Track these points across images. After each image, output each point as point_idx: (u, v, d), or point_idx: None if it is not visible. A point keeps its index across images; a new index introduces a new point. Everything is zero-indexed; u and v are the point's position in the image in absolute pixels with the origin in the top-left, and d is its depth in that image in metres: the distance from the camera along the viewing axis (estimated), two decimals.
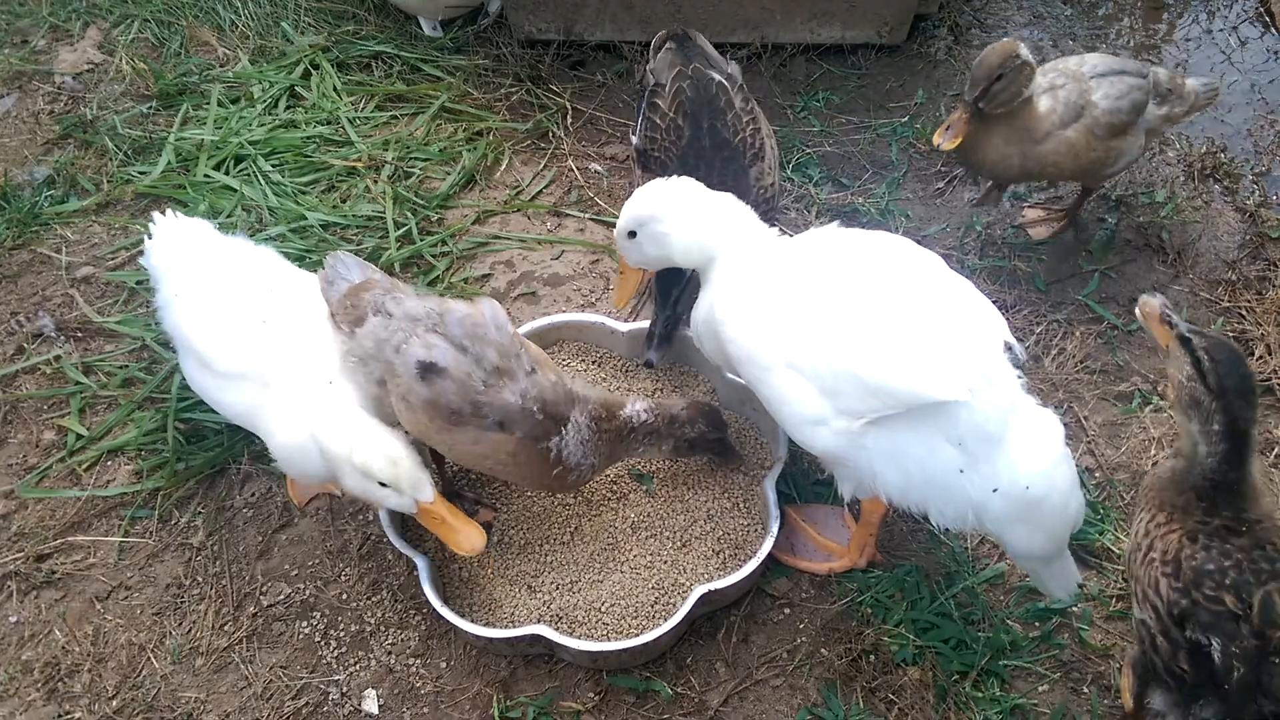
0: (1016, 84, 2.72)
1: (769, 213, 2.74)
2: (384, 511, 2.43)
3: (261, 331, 2.32)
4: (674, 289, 2.69)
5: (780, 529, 2.43)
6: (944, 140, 2.78)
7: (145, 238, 2.64)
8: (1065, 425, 2.10)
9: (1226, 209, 3.33)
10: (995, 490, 2.00)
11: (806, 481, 2.66)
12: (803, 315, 2.05)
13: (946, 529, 2.12)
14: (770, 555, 2.40)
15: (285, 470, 2.42)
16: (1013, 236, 3.27)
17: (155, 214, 2.66)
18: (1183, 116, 3.03)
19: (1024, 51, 2.69)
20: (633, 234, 2.34)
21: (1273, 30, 3.98)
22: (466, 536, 2.19)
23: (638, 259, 2.41)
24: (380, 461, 2.12)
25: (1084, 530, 2.52)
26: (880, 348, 1.95)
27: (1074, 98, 2.82)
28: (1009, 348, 2.02)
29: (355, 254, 3.23)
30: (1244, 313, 3.00)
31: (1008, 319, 2.99)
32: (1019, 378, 2.05)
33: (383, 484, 2.14)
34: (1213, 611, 1.77)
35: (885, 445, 2.02)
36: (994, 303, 3.03)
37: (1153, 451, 2.69)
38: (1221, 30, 4.00)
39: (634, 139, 2.98)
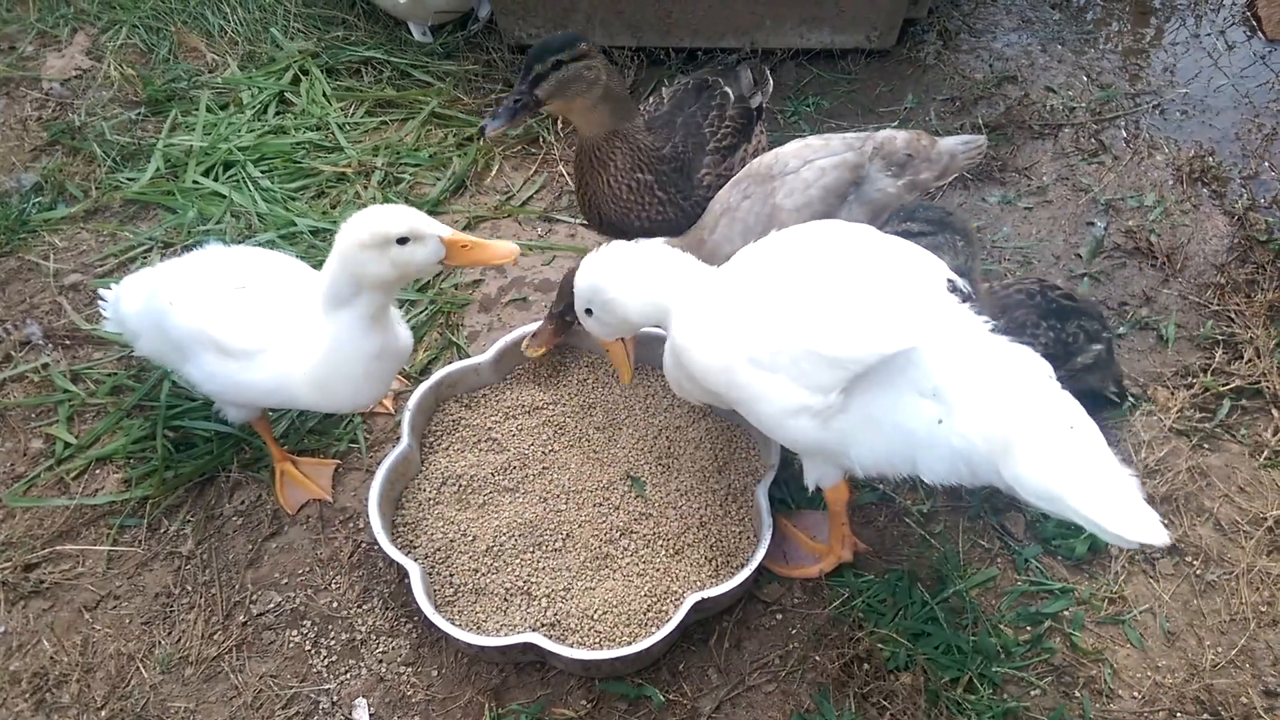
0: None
1: (704, 203, 2.83)
2: (375, 519, 2.42)
3: (266, 303, 2.35)
4: (537, 66, 2.51)
5: (773, 539, 2.43)
6: (530, 349, 2.74)
7: (100, 308, 2.75)
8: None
9: (1215, 212, 3.34)
10: (983, 433, 1.93)
11: (799, 487, 2.66)
12: (752, 311, 2.08)
13: (947, 486, 2.08)
14: (763, 565, 2.40)
15: (325, 399, 2.38)
16: (1003, 241, 3.28)
17: (100, 290, 2.76)
18: (934, 182, 2.79)
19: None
20: (589, 311, 2.40)
21: (1260, 34, 4.00)
22: (500, 247, 2.21)
23: (605, 332, 2.47)
24: (385, 216, 2.10)
25: (1075, 534, 2.53)
26: (828, 317, 1.96)
27: (759, 208, 2.64)
28: (953, 286, 2.00)
29: None
30: (1233, 316, 3.01)
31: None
32: (981, 318, 2.05)
33: (402, 241, 2.12)
34: None
35: (861, 416, 2.03)
36: None
37: (1143, 455, 2.70)
38: (1209, 34, 4.02)
39: None
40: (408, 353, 2.48)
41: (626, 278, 2.31)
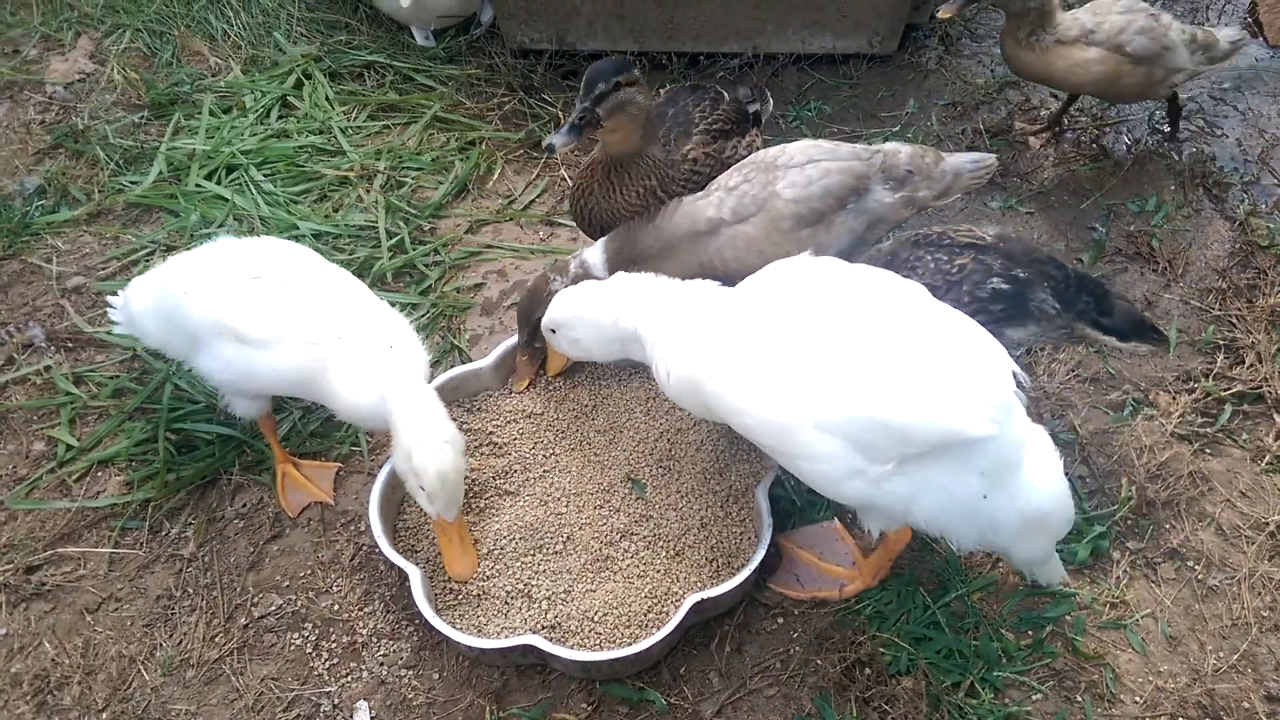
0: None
1: (690, 179, 2.84)
2: (376, 522, 2.43)
3: (286, 292, 2.40)
4: (601, 84, 2.58)
5: (781, 564, 2.43)
6: (516, 387, 2.80)
7: (110, 314, 2.77)
8: (1055, 435, 2.12)
9: (1216, 217, 3.35)
10: (1016, 510, 2.03)
11: (800, 488, 2.66)
12: (816, 367, 1.98)
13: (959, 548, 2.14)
14: (779, 592, 2.42)
15: (346, 416, 2.44)
16: None
17: (108, 298, 2.80)
18: (933, 201, 2.76)
19: (556, 286, 2.68)
20: (553, 331, 2.55)
21: (1261, 39, 4.01)
22: (462, 563, 2.39)
23: (563, 350, 2.62)
24: (432, 475, 2.23)
25: (1077, 538, 2.53)
26: (906, 392, 1.91)
27: (756, 191, 2.64)
28: (1015, 376, 2.01)
29: (347, 263, 3.25)
30: (1234, 320, 3.01)
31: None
32: (1023, 401, 2.06)
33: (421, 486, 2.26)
34: None
35: (915, 483, 2.00)
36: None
37: (1145, 459, 2.70)
38: None
39: None
40: None
41: (595, 323, 2.42)
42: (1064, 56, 3.19)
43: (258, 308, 2.37)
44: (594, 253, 2.77)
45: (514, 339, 2.81)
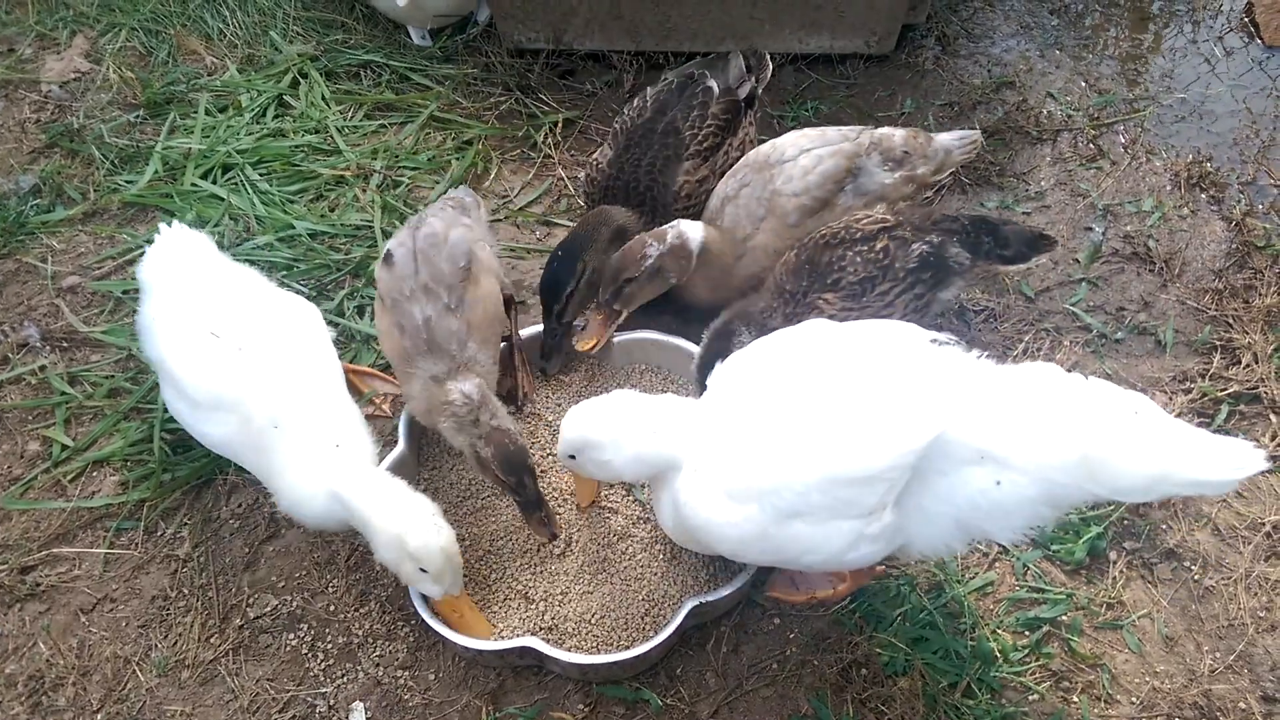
0: (654, 284, 2.70)
1: (686, 210, 2.87)
2: None
3: (243, 360, 2.30)
4: (554, 304, 2.73)
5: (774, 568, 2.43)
6: (582, 343, 2.74)
7: (145, 245, 2.67)
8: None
9: (1213, 218, 3.35)
10: (1058, 469, 1.84)
11: None
12: (756, 454, 1.95)
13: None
14: (774, 597, 2.43)
15: (290, 514, 2.36)
16: None
17: (161, 225, 2.67)
18: (931, 176, 2.87)
19: (651, 251, 2.64)
20: (572, 457, 2.26)
21: (1257, 40, 4.01)
22: (479, 629, 2.30)
23: (588, 474, 2.31)
24: (437, 554, 2.14)
25: (1074, 539, 2.53)
26: (844, 436, 1.88)
27: (759, 193, 2.71)
28: (937, 342, 1.97)
29: (343, 262, 3.24)
30: (1231, 321, 3.02)
31: (995, 328, 3.03)
32: (973, 353, 1.98)
33: (423, 569, 2.16)
34: None
35: (916, 513, 1.94)
36: (982, 312, 3.07)
37: None
38: (1206, 40, 4.03)
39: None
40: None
41: (627, 441, 2.15)
42: None
43: (204, 366, 2.30)
44: (694, 228, 2.72)
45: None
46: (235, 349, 2.31)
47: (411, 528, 2.14)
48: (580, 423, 2.19)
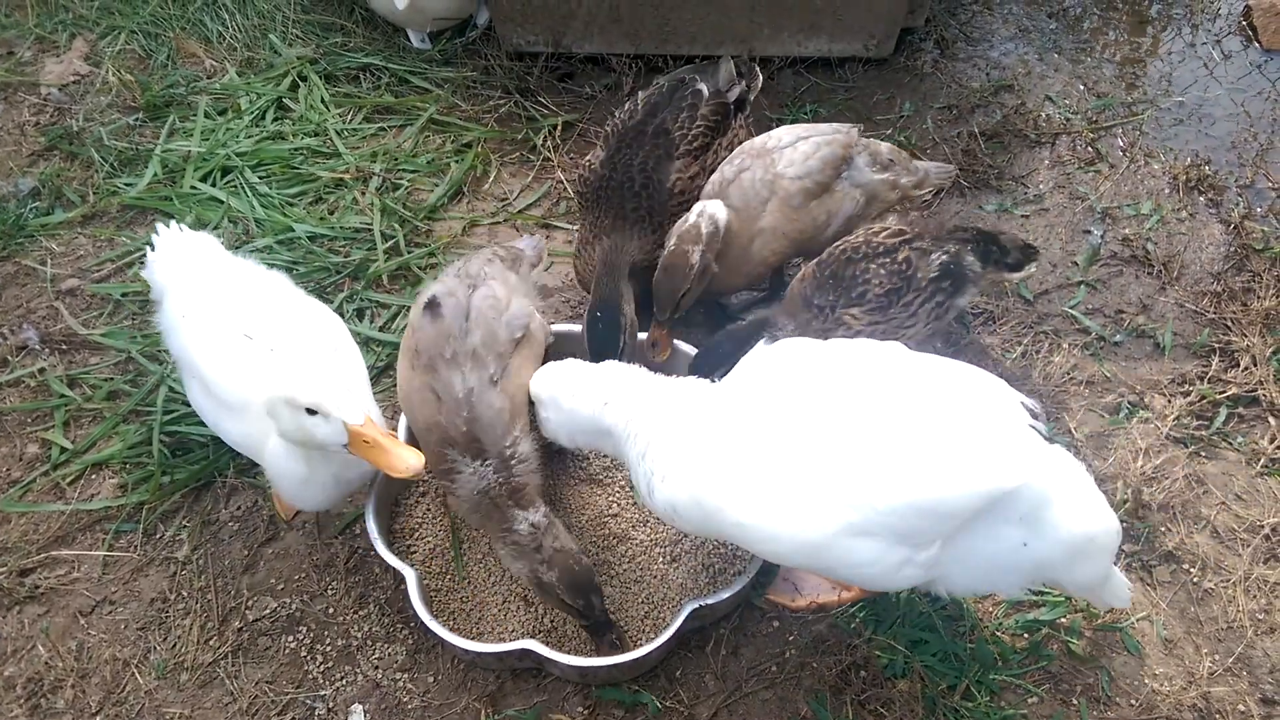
0: (702, 281, 2.69)
1: (681, 206, 2.85)
2: (372, 525, 2.41)
3: (275, 363, 2.26)
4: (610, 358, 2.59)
5: (778, 571, 2.43)
6: (656, 357, 2.71)
7: (147, 248, 2.64)
8: (1051, 438, 2.07)
9: (1211, 221, 3.35)
10: (1060, 542, 1.95)
11: None
12: (839, 472, 1.88)
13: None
14: (776, 604, 2.42)
15: (280, 493, 2.36)
16: None
17: (159, 225, 2.66)
18: (912, 189, 2.96)
19: (695, 257, 2.61)
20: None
21: (1255, 43, 4.02)
22: (400, 457, 2.09)
23: (549, 433, 2.33)
24: (304, 385, 2.05)
25: None
26: (934, 467, 1.84)
27: (761, 176, 2.74)
28: (1027, 409, 1.98)
29: (342, 265, 3.24)
30: (1229, 324, 3.02)
31: (995, 330, 3.03)
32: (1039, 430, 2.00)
33: (311, 411, 2.06)
34: None
35: (958, 553, 1.95)
36: (981, 315, 3.07)
37: (1140, 462, 2.70)
38: (1204, 44, 4.03)
39: None
40: (362, 480, 2.39)
41: (563, 404, 2.20)
42: None
43: (235, 367, 2.27)
44: (718, 206, 2.71)
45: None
46: (267, 351, 2.28)
47: (289, 378, 2.08)
48: (538, 379, 2.30)
